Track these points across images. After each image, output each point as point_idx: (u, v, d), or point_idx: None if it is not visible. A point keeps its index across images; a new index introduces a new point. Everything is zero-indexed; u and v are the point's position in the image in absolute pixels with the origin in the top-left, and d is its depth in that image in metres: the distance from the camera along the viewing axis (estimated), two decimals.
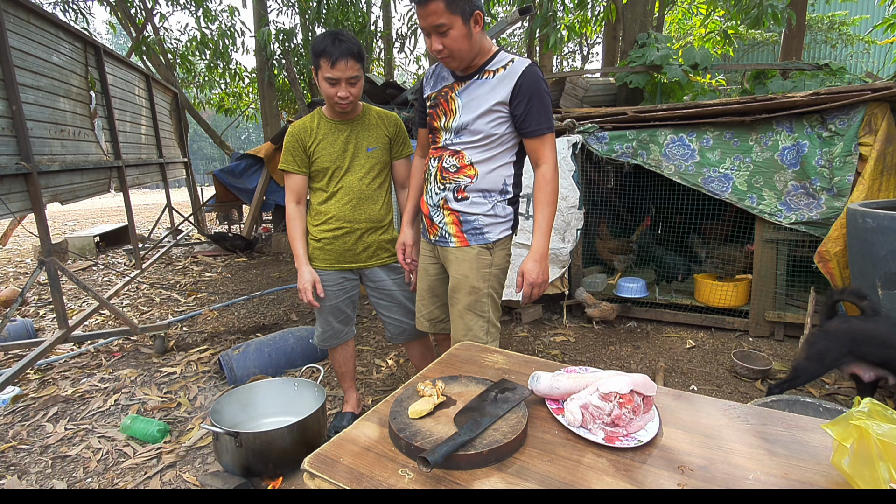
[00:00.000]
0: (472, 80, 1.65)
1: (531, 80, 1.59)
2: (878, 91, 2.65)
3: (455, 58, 1.58)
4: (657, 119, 3.27)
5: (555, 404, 1.08)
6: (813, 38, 10.23)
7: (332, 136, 2.01)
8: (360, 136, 2.03)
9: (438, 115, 1.73)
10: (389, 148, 2.10)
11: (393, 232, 2.16)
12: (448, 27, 1.51)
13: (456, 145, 1.69)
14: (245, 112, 11.84)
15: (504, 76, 1.61)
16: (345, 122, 2.02)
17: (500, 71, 1.62)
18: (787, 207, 2.96)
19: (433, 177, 1.78)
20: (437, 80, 1.77)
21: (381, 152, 2.07)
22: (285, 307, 4.19)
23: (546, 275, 1.69)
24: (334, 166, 2.01)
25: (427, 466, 0.84)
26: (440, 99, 1.72)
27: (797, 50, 5.89)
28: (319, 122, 2.03)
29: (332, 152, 2.00)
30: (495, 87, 1.61)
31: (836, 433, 0.79)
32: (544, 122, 1.63)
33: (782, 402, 2.08)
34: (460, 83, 1.67)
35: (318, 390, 2.15)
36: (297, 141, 2.01)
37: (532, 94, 1.59)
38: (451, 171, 1.71)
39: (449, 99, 1.68)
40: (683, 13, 9.43)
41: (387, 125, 2.09)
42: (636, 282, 3.69)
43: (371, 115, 2.08)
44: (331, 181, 2.03)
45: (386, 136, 2.08)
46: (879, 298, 2.23)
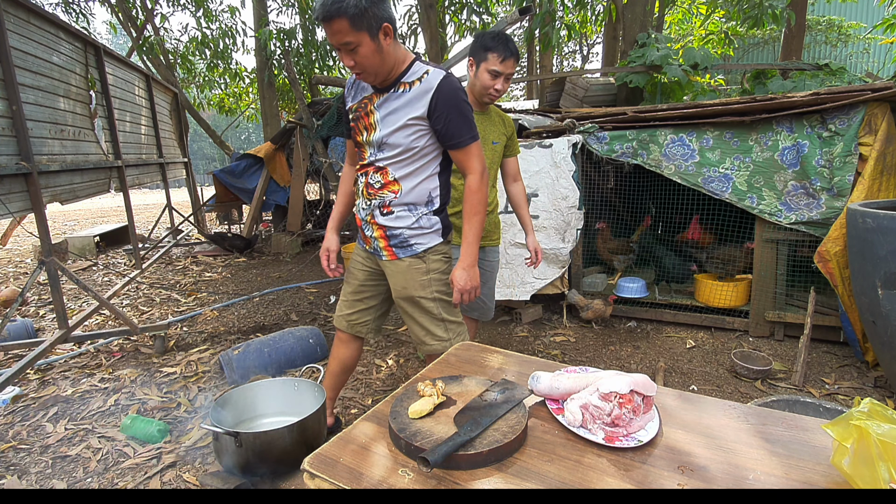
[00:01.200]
0: (389, 92, 1.64)
1: (446, 93, 1.59)
2: (878, 91, 2.65)
3: (369, 73, 1.57)
4: (657, 119, 3.27)
5: (555, 404, 1.08)
6: (813, 38, 10.23)
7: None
8: (487, 130, 2.19)
9: (360, 129, 1.73)
10: (506, 145, 2.29)
11: (496, 217, 2.37)
12: (356, 44, 1.49)
13: (380, 161, 1.70)
14: (245, 112, 11.84)
15: (420, 90, 1.60)
16: (479, 113, 2.15)
17: (416, 83, 1.61)
18: (787, 207, 2.96)
19: (361, 192, 1.80)
20: (357, 91, 1.76)
21: (501, 147, 2.25)
22: (285, 307, 4.19)
23: (475, 281, 1.75)
24: None
25: (427, 466, 0.84)
26: (361, 112, 1.71)
27: (797, 50, 5.89)
28: None
29: None
30: (412, 101, 1.61)
31: (836, 433, 0.79)
32: (466, 132, 1.64)
33: (782, 402, 2.07)
34: (378, 95, 1.66)
35: (318, 390, 2.15)
36: None
37: (449, 107, 1.59)
38: (376, 188, 1.73)
39: (368, 112, 1.68)
40: (683, 13, 9.42)
41: (506, 124, 2.28)
42: (636, 282, 3.69)
43: (494, 112, 2.25)
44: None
45: (504, 135, 2.26)
46: (879, 298, 2.23)
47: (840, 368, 2.80)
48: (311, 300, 4.38)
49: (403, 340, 3.41)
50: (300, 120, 6.15)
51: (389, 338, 3.46)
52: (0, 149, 2.63)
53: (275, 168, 6.58)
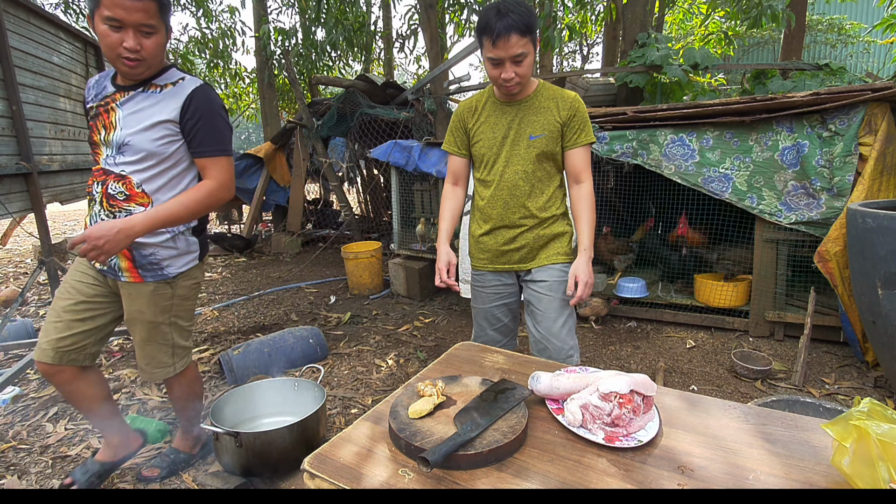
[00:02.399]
0: (137, 91, 1.53)
1: (201, 100, 1.53)
2: (878, 91, 2.65)
3: (145, 64, 1.48)
4: (657, 119, 3.27)
5: (555, 404, 1.08)
6: (813, 38, 10.23)
7: (494, 118, 1.79)
8: (524, 122, 1.76)
9: (98, 127, 1.57)
10: (560, 135, 1.77)
11: (563, 227, 1.86)
12: (154, 32, 1.45)
13: (121, 167, 1.53)
14: (245, 112, 11.84)
15: (172, 93, 1.53)
16: (512, 104, 1.77)
17: (169, 87, 1.54)
18: (787, 207, 2.96)
19: (98, 203, 1.58)
20: (99, 90, 1.62)
21: (546, 141, 1.75)
22: (285, 307, 4.19)
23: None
24: (491, 154, 1.80)
25: (427, 466, 0.84)
26: (101, 110, 1.57)
27: (797, 50, 5.89)
28: (487, 101, 1.82)
29: (490, 138, 1.79)
30: (160, 102, 1.52)
31: (836, 433, 0.79)
32: (214, 143, 1.56)
33: (782, 402, 2.07)
34: (123, 93, 1.54)
35: (318, 390, 2.15)
36: (460, 120, 1.86)
37: (202, 114, 1.53)
38: (120, 200, 1.54)
39: (109, 110, 1.53)
40: (684, 13, 9.43)
41: (560, 108, 1.75)
42: (636, 282, 3.69)
43: (543, 95, 1.77)
44: (488, 171, 1.82)
45: (556, 122, 1.75)
46: (879, 298, 2.23)
47: (840, 368, 2.80)
48: (311, 300, 4.38)
49: (403, 340, 3.41)
50: (300, 120, 6.15)
51: (389, 338, 3.46)
52: (0, 149, 2.63)
53: (275, 168, 6.58)
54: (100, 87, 1.62)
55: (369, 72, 8.50)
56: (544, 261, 1.82)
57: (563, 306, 1.81)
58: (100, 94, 1.60)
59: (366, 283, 4.53)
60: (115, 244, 1.43)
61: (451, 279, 1.80)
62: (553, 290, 1.80)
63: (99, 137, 1.56)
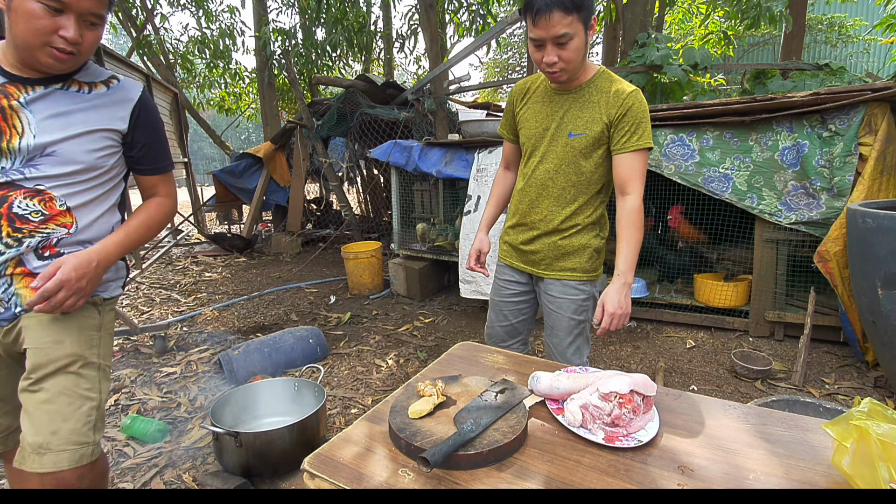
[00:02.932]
0: (51, 88, 1.19)
1: (150, 110, 1.32)
2: (878, 91, 2.65)
3: (81, 56, 1.18)
4: (657, 119, 3.27)
5: (555, 404, 1.08)
6: (813, 38, 10.23)
7: (540, 107, 1.63)
8: (568, 116, 1.57)
9: None
10: (606, 137, 1.55)
11: (589, 240, 1.66)
12: (100, 24, 1.19)
13: (37, 181, 1.17)
14: (245, 112, 11.84)
15: (112, 98, 1.25)
16: (563, 91, 1.59)
17: (100, 87, 1.25)
18: (787, 207, 2.96)
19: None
20: None
21: (587, 141, 1.55)
22: (285, 307, 4.19)
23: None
24: (530, 145, 1.66)
25: (427, 466, 0.84)
26: None
27: (797, 50, 5.89)
28: (540, 85, 1.66)
29: (532, 128, 1.64)
30: (96, 107, 1.23)
31: (836, 433, 0.79)
32: (166, 158, 1.39)
33: (782, 402, 2.08)
34: (27, 87, 1.16)
35: (318, 390, 2.15)
36: (511, 102, 1.73)
37: (153, 127, 1.33)
38: (35, 221, 1.17)
39: (6, 108, 1.14)
40: (683, 13, 9.43)
41: (610, 104, 1.52)
42: (636, 282, 3.69)
43: (597, 87, 1.56)
44: (525, 163, 1.70)
45: (603, 120, 1.53)
46: (879, 298, 2.23)
47: (840, 368, 2.80)
48: (311, 300, 4.39)
49: (403, 340, 3.41)
50: (300, 120, 6.15)
51: (389, 338, 3.46)
52: None
53: (275, 168, 6.59)
54: None
55: (369, 72, 8.50)
56: (559, 274, 1.66)
57: (573, 326, 1.68)
58: None
59: (366, 283, 4.53)
60: (95, 283, 1.21)
61: (478, 266, 1.76)
62: (563, 309, 1.67)
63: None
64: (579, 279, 1.67)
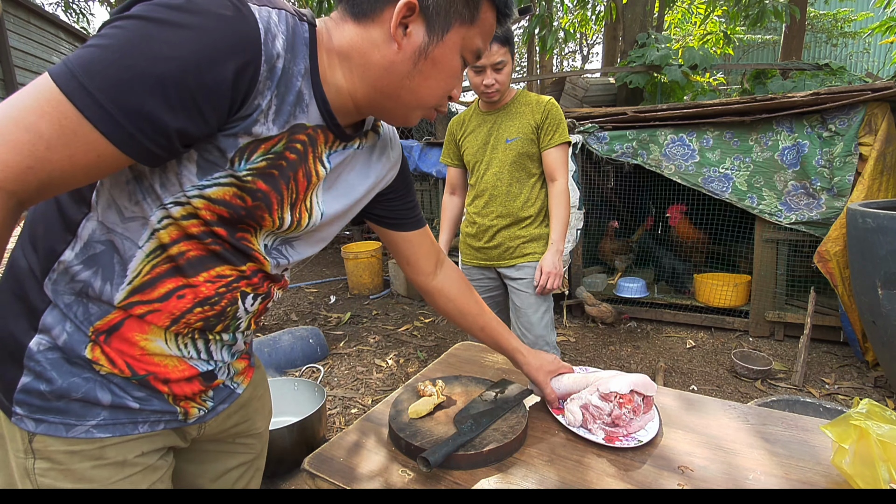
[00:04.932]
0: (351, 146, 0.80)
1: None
2: (878, 91, 2.65)
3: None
4: (657, 119, 3.27)
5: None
6: (814, 38, 10.23)
7: (477, 127, 1.97)
8: (501, 127, 1.91)
9: (281, 204, 0.71)
10: (536, 137, 1.89)
11: (544, 229, 1.97)
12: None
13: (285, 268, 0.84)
14: None
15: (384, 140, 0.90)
16: (491, 112, 1.94)
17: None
18: (787, 207, 2.96)
19: (236, 328, 0.78)
20: (288, 90, 0.67)
21: (522, 143, 1.88)
22: (285, 307, 4.19)
23: None
24: (475, 160, 1.98)
25: (427, 466, 0.84)
26: (290, 155, 0.69)
27: (797, 50, 5.89)
28: (472, 114, 2.00)
29: (474, 145, 1.97)
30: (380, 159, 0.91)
31: (836, 434, 0.79)
32: None
33: (782, 402, 2.08)
34: (337, 141, 0.74)
35: (318, 390, 2.15)
36: (451, 134, 2.06)
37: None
38: (267, 307, 0.85)
39: (312, 168, 0.72)
40: (683, 13, 9.43)
41: (535, 111, 1.88)
42: (636, 282, 3.69)
43: (519, 102, 1.91)
44: (474, 174, 2.00)
45: (530, 125, 1.87)
46: (879, 298, 2.23)
47: (840, 368, 2.80)
48: (311, 300, 4.39)
49: (403, 340, 3.41)
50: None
51: (389, 338, 3.46)
52: None
53: None
54: (290, 83, 0.64)
55: None
56: (521, 259, 1.95)
57: (539, 301, 1.93)
58: (285, 114, 0.64)
59: (366, 283, 4.53)
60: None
61: None
62: (529, 287, 1.93)
63: (275, 219, 0.70)
64: (537, 259, 1.95)
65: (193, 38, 0.53)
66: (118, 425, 0.69)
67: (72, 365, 0.67)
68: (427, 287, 1.06)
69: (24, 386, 0.66)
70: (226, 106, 0.57)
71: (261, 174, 0.64)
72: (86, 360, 0.67)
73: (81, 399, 0.67)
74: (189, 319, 0.70)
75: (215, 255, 0.68)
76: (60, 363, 0.66)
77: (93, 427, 0.68)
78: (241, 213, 0.66)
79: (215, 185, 0.63)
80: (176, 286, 0.67)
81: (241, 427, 0.91)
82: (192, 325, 0.71)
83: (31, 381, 0.66)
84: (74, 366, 0.67)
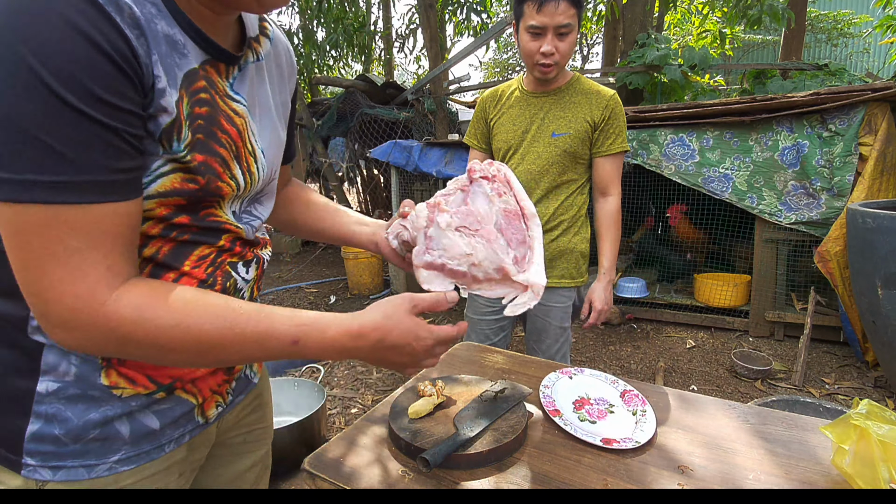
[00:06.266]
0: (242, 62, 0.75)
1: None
2: (878, 91, 2.65)
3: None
4: (657, 119, 3.27)
5: (551, 406, 1.08)
6: (814, 38, 10.24)
7: (518, 110, 1.62)
8: (549, 115, 1.57)
9: (224, 158, 0.65)
10: (590, 138, 1.57)
11: (574, 242, 1.66)
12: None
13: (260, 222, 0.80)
14: None
15: (276, 51, 0.81)
16: (541, 94, 1.59)
17: (264, 41, 0.75)
18: (788, 207, 2.97)
19: (248, 297, 0.78)
20: (164, 53, 0.56)
21: (571, 141, 1.55)
22: (285, 307, 4.20)
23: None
24: (507, 147, 1.63)
25: (427, 467, 0.84)
26: (208, 109, 0.62)
27: (797, 50, 5.89)
28: (513, 91, 1.66)
29: (509, 130, 1.62)
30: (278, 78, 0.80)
31: (835, 435, 0.79)
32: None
33: (782, 402, 2.08)
34: (227, 66, 0.67)
35: (318, 390, 2.15)
36: (482, 110, 1.70)
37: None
38: (261, 280, 0.84)
39: (235, 114, 0.66)
40: (683, 14, 9.43)
41: (593, 105, 1.56)
42: (636, 282, 3.69)
43: (577, 89, 1.59)
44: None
45: (586, 121, 1.55)
46: (879, 298, 2.23)
47: (840, 368, 2.80)
48: (311, 300, 4.38)
49: None
50: (300, 120, 6.15)
51: None
52: None
53: None
54: (160, 42, 0.55)
55: (369, 72, 8.50)
56: (549, 282, 1.59)
57: (559, 333, 1.69)
58: (172, 61, 0.56)
59: (366, 283, 4.53)
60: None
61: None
62: (551, 317, 1.67)
63: (230, 183, 0.65)
64: (568, 286, 1.67)
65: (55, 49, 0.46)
66: (142, 454, 0.65)
67: (89, 399, 0.61)
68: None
69: (33, 434, 0.60)
70: (133, 83, 0.51)
71: (193, 146, 0.58)
72: (104, 387, 0.62)
73: (99, 438, 0.62)
74: None
75: (186, 242, 0.64)
76: (76, 400, 0.61)
77: (115, 463, 0.63)
78: (198, 193, 0.61)
79: (157, 177, 0.57)
80: (170, 280, 0.64)
81: (254, 417, 0.90)
82: None
83: (41, 426, 0.60)
84: (92, 400, 0.62)
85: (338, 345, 0.63)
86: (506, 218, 0.74)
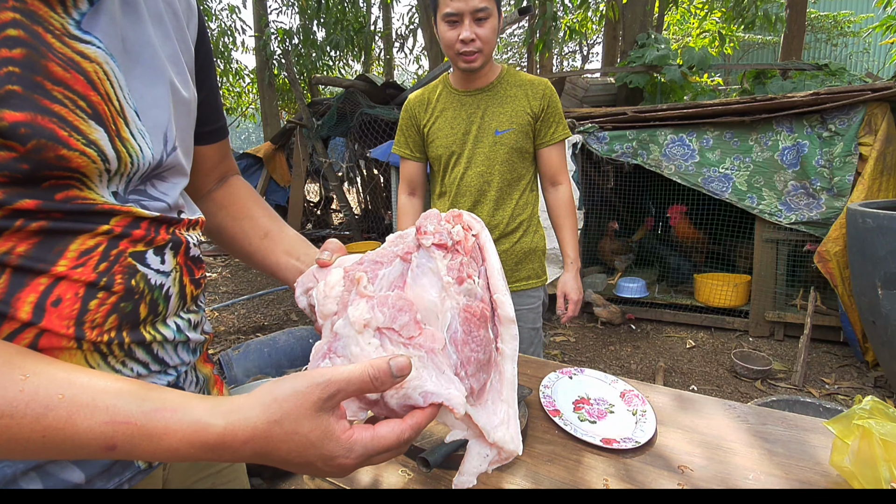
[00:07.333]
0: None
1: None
2: (878, 91, 2.65)
3: None
4: (657, 119, 3.27)
5: (551, 406, 1.08)
6: (814, 37, 10.24)
7: (452, 111, 1.52)
8: (488, 113, 1.49)
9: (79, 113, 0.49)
10: (532, 130, 1.51)
11: (535, 241, 1.61)
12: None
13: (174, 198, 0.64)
14: (245, 112, 11.86)
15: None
16: (472, 92, 1.51)
17: None
18: (787, 207, 2.97)
19: (168, 295, 0.55)
20: None
21: (516, 136, 1.49)
22: (285, 307, 4.19)
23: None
24: (448, 153, 1.53)
25: (427, 467, 0.83)
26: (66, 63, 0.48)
27: (797, 50, 5.89)
28: (441, 92, 1.55)
29: (448, 134, 1.52)
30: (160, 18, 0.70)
31: (838, 431, 0.79)
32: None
33: (782, 402, 2.07)
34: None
35: None
36: (410, 117, 1.58)
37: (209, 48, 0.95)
38: (198, 277, 0.63)
39: (91, 61, 0.50)
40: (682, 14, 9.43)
41: (530, 96, 1.49)
42: (636, 282, 3.69)
43: (509, 82, 1.51)
44: (447, 173, 1.56)
45: (527, 113, 1.49)
46: (879, 298, 2.23)
47: (840, 368, 2.80)
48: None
49: None
50: (300, 120, 6.15)
51: None
52: None
53: (275, 168, 6.59)
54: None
55: (369, 72, 8.51)
56: (516, 285, 1.59)
57: (533, 335, 1.65)
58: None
59: None
60: None
61: None
62: (523, 320, 1.60)
63: (85, 151, 0.46)
64: (536, 286, 1.63)
65: None
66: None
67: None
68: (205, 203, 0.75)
69: None
70: None
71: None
72: None
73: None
74: (94, 321, 0.48)
75: (51, 233, 0.45)
76: None
77: None
78: (22, 166, 0.42)
79: None
80: (39, 292, 0.44)
81: (214, 480, 0.68)
82: (106, 328, 0.49)
83: None
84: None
85: (182, 455, 0.40)
86: (465, 322, 0.47)
